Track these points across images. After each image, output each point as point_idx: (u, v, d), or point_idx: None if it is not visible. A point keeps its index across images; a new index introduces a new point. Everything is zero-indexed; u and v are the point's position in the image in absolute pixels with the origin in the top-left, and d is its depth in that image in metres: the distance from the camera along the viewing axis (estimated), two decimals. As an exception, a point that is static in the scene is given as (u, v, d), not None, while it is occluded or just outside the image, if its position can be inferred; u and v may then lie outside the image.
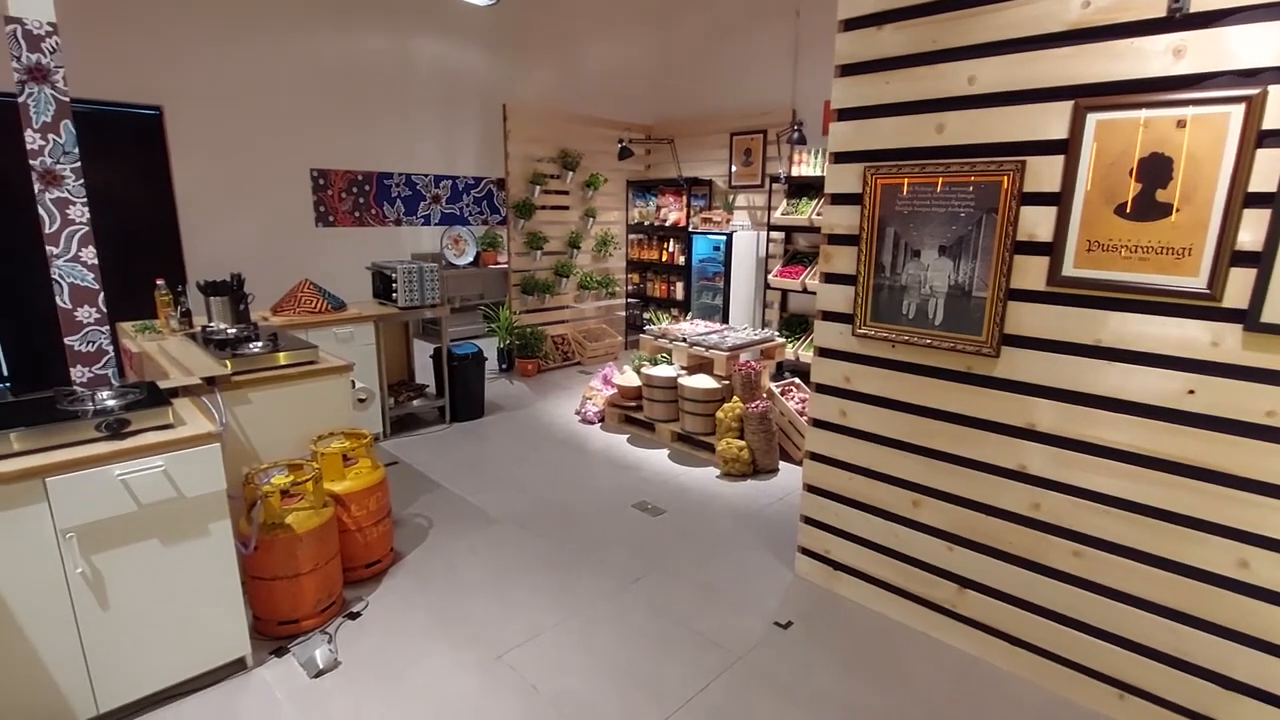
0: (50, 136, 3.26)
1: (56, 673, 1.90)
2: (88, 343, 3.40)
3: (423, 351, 5.24)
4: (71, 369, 3.39)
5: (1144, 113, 1.84)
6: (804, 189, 5.74)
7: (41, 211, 3.27)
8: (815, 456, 2.82)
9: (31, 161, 3.23)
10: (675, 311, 6.77)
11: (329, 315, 4.15)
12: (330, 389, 2.88)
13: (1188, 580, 1.96)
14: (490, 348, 6.10)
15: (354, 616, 2.63)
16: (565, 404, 5.42)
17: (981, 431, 2.31)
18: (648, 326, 5.08)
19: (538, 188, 6.38)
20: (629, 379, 4.81)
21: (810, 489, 2.87)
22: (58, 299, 3.35)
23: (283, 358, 2.79)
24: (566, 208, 6.80)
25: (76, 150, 3.33)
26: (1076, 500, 2.13)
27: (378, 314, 4.34)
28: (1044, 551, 2.23)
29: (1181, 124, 1.79)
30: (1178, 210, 1.83)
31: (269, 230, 6.37)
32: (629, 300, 7.53)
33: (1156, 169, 1.84)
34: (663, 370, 4.56)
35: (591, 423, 4.97)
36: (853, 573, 2.78)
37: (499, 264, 7.76)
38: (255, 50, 6.05)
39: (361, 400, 3.03)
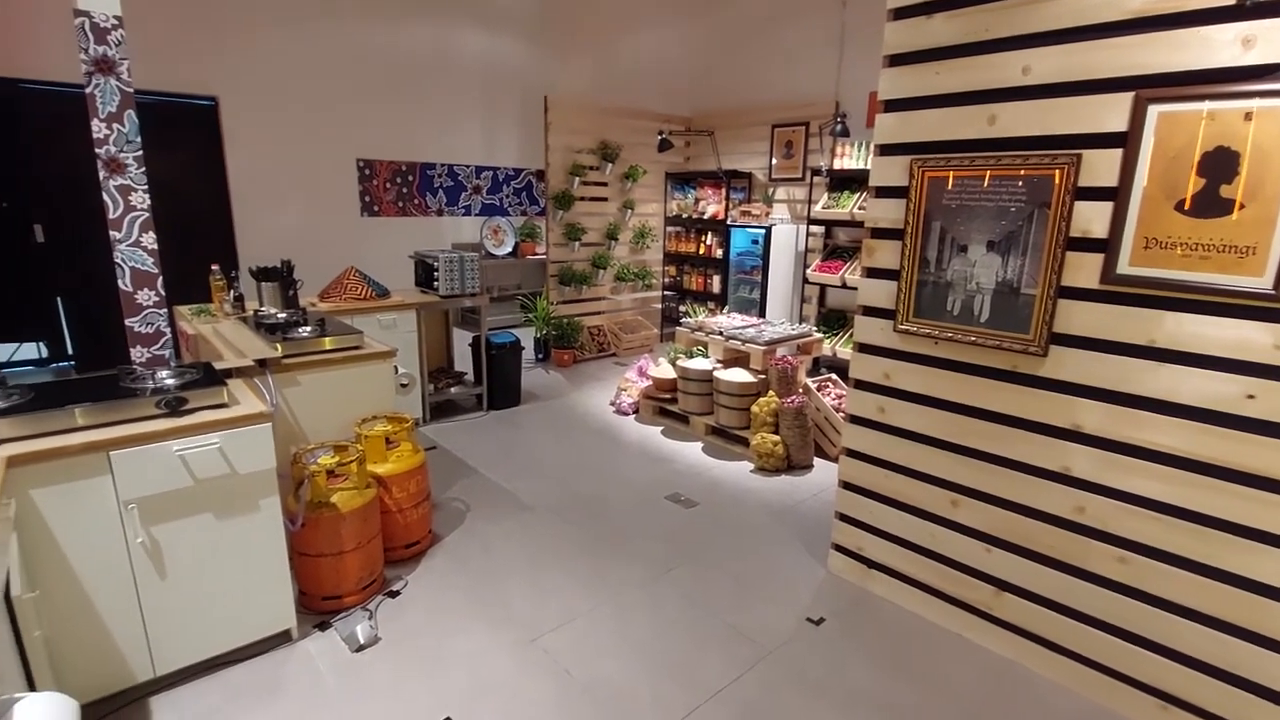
0: (115, 126, 3.40)
1: (118, 636, 2.01)
2: (147, 324, 3.55)
3: (461, 340, 5.33)
4: (131, 349, 3.55)
5: (1208, 105, 1.77)
6: (846, 182, 5.65)
7: (105, 198, 3.43)
8: (852, 453, 2.79)
9: (97, 150, 3.38)
10: (712, 305, 6.75)
11: (373, 302, 4.25)
12: (374, 374, 2.95)
13: (1239, 590, 1.89)
14: (527, 337, 6.17)
15: (394, 595, 2.70)
16: (600, 395, 5.46)
17: (1024, 431, 2.26)
18: (684, 319, 5.08)
19: (577, 179, 6.41)
20: (664, 371, 4.81)
21: (846, 485, 2.84)
22: (120, 282, 3.51)
23: (330, 342, 2.87)
24: (605, 199, 6.82)
25: (139, 139, 3.47)
26: (1122, 505, 2.07)
27: (420, 302, 4.43)
28: (1086, 556, 2.18)
29: (1248, 116, 1.71)
30: (1241, 207, 1.75)
31: (317, 218, 6.54)
32: (665, 293, 7.53)
33: (1220, 163, 1.77)
34: (698, 363, 4.55)
35: (626, 414, 5.00)
36: (887, 571, 2.76)
37: (537, 255, 7.83)
38: (306, 43, 6.20)
39: (404, 386, 3.11)
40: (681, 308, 7.01)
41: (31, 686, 1.63)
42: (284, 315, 3.27)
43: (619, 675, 2.30)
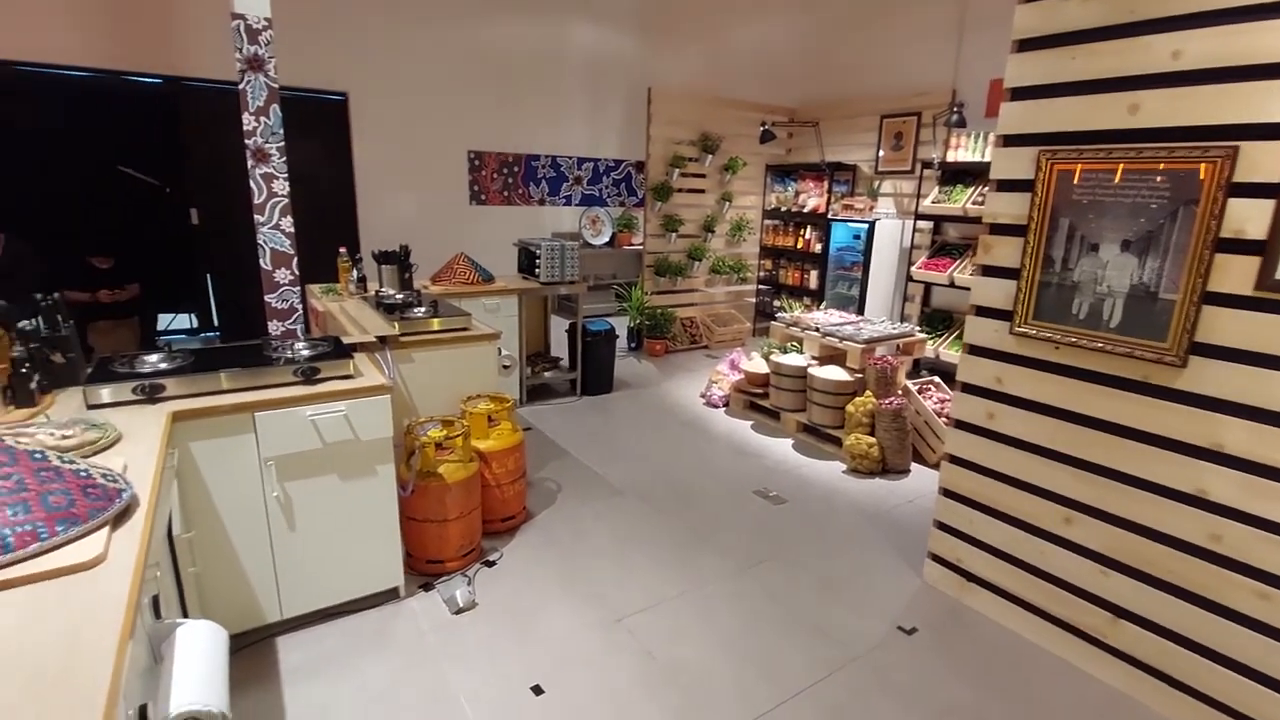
0: (261, 119, 3.74)
1: (254, 579, 2.24)
2: (283, 300, 3.90)
3: (558, 326, 5.50)
4: (269, 322, 3.90)
5: (1406, 90, 1.56)
6: (959, 175, 5.36)
7: (252, 184, 3.78)
8: (955, 460, 2.67)
9: (246, 141, 3.73)
10: (808, 300, 6.60)
11: (479, 287, 4.47)
12: (480, 354, 3.11)
13: None
14: (621, 326, 6.27)
15: (490, 564, 2.85)
16: (690, 386, 5.48)
17: (1154, 448, 2.09)
18: (779, 314, 5.00)
19: (676, 170, 6.44)
20: (757, 365, 4.77)
21: (947, 493, 2.73)
22: (261, 262, 3.86)
23: (442, 323, 3.05)
24: (703, 191, 6.81)
25: (281, 131, 3.80)
26: (1267, 534, 1.88)
27: (522, 288, 4.60)
28: (1221, 589, 1.99)
29: None
30: None
31: (430, 206, 6.91)
32: (760, 287, 7.43)
33: None
34: (793, 359, 4.48)
35: (716, 406, 4.99)
36: (987, 586, 2.62)
37: (633, 245, 7.92)
38: (428, 41, 6.54)
39: (506, 367, 3.26)
40: (776, 302, 6.91)
41: (185, 615, 1.85)
42: (401, 296, 3.49)
43: (701, 662, 2.33)
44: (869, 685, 2.25)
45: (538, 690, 2.17)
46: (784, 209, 6.98)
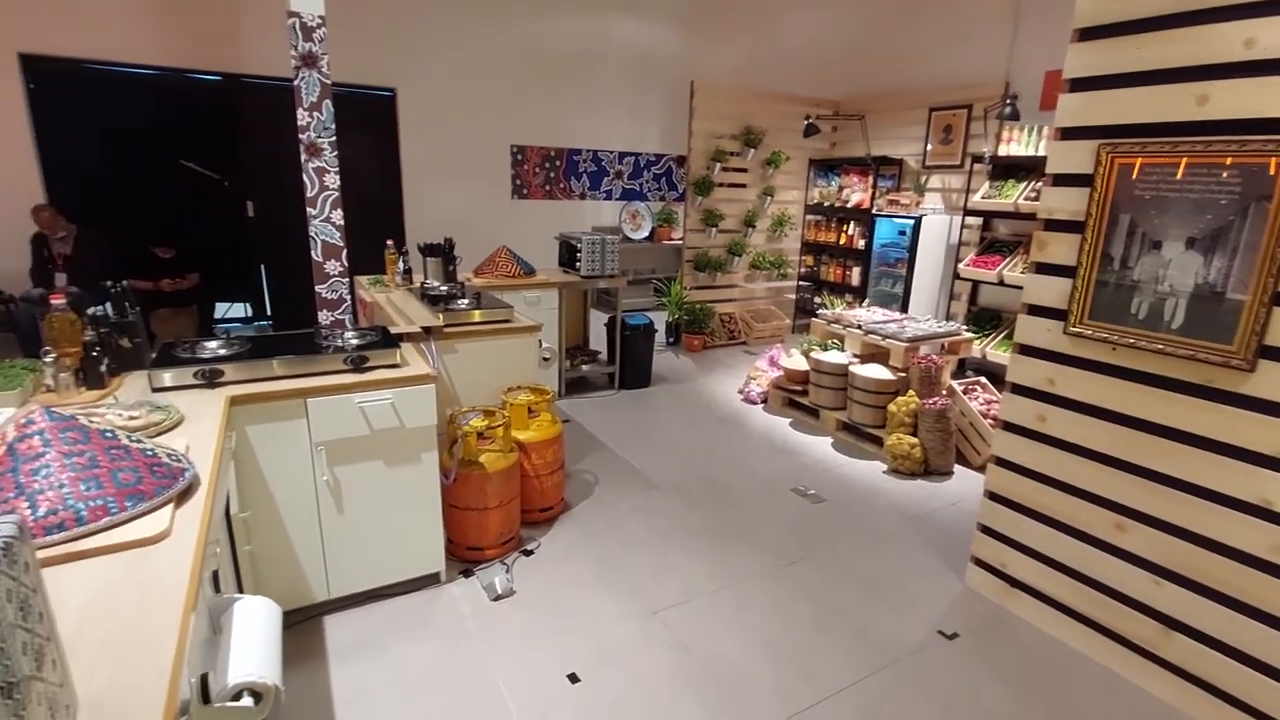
0: (314, 114, 3.85)
1: (303, 559, 2.32)
2: (333, 291, 4.01)
3: (597, 320, 5.53)
4: (319, 312, 4.02)
5: None
6: (1011, 170, 5.20)
7: (305, 178, 3.89)
8: (1002, 462, 2.60)
9: (300, 136, 3.84)
10: (849, 297, 6.50)
11: (521, 280, 4.52)
12: (521, 346, 3.15)
13: None
14: (659, 321, 6.27)
15: (528, 553, 2.90)
16: (728, 382, 5.45)
17: (1216, 455, 2.00)
18: (820, 310, 4.94)
19: (718, 165, 6.39)
20: (796, 362, 4.72)
21: (993, 496, 2.66)
22: (313, 253, 3.98)
23: (485, 315, 3.10)
24: (744, 185, 6.75)
25: (333, 126, 3.90)
26: (1343, 550, 1.78)
27: (562, 281, 4.64)
28: (1288, 604, 1.90)
29: None
30: None
31: (473, 200, 7.02)
32: (800, 283, 7.34)
33: None
34: (833, 356, 4.42)
35: (754, 403, 4.96)
36: (1032, 592, 2.55)
37: (672, 240, 7.91)
38: (474, 37, 6.63)
39: (546, 359, 3.30)
40: (817, 299, 6.82)
41: (241, 591, 1.93)
42: (445, 288, 3.56)
43: (737, 658, 2.33)
44: (908, 689, 2.22)
45: (574, 678, 2.20)
46: (827, 204, 6.88)
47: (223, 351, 2.22)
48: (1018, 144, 5.09)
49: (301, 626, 2.37)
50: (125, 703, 0.89)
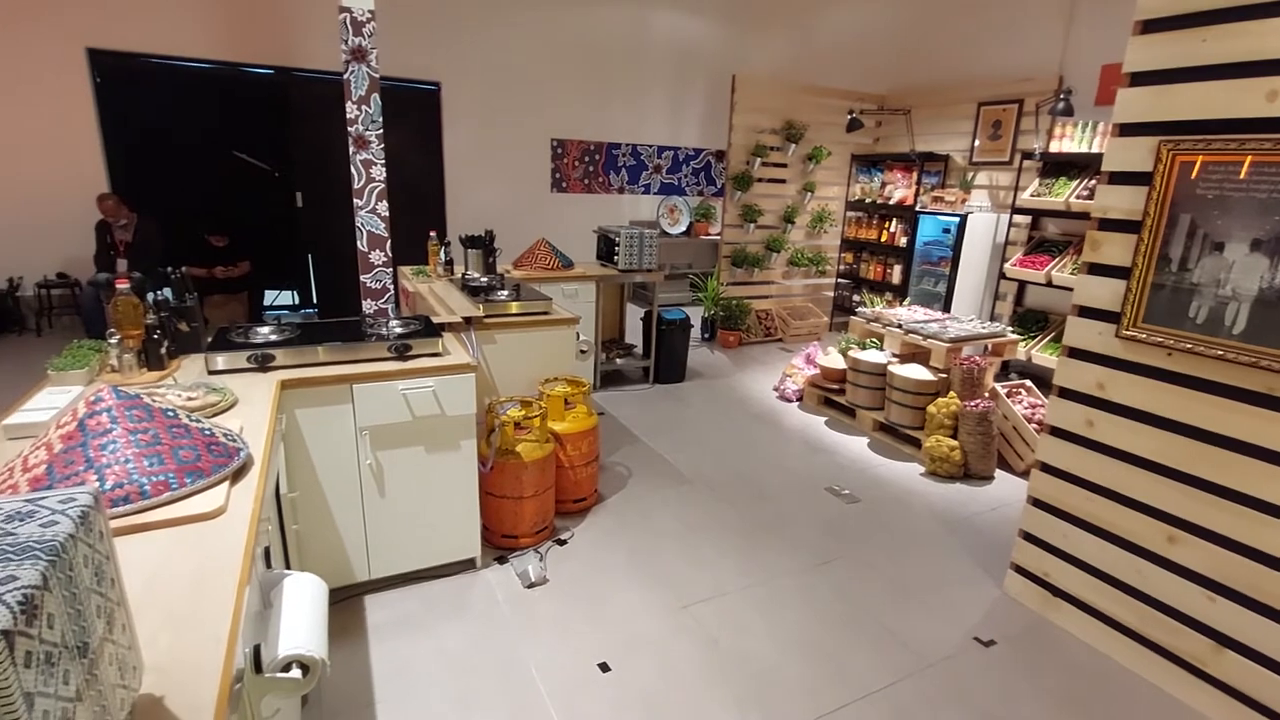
0: (363, 107, 3.93)
1: (346, 540, 2.39)
2: (377, 280, 4.10)
3: (633, 314, 5.55)
4: (363, 301, 4.12)
5: None
6: (1063, 167, 5.04)
7: (352, 170, 3.99)
8: (1047, 468, 2.54)
9: (349, 128, 3.93)
10: (890, 296, 6.39)
11: (559, 272, 4.56)
12: (559, 338, 3.19)
13: None
14: (695, 316, 6.26)
15: (561, 543, 2.93)
16: (763, 379, 5.42)
17: (1275, 466, 1.92)
18: (859, 309, 4.87)
19: (758, 160, 6.33)
20: (834, 361, 4.66)
21: (1036, 503, 2.59)
22: (358, 243, 4.07)
23: (524, 306, 3.14)
24: (784, 181, 6.68)
25: (381, 119, 3.99)
26: None
27: (600, 274, 4.67)
28: (1352, 625, 1.82)
29: None
30: None
31: (513, 193, 7.10)
32: (839, 280, 7.24)
33: None
34: (872, 355, 4.36)
35: (789, 401, 4.92)
36: (1076, 603, 2.49)
37: (710, 235, 7.88)
38: (517, 31, 6.69)
39: (583, 352, 3.32)
40: (856, 297, 6.72)
41: (288, 568, 1.99)
42: (485, 279, 3.62)
43: (767, 654, 2.32)
44: (942, 695, 2.19)
45: (605, 667, 2.23)
46: (869, 200, 6.76)
47: (274, 337, 2.30)
48: (1070, 140, 4.93)
49: (343, 604, 2.44)
50: (186, 667, 0.94)
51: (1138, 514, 2.27)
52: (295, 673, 1.17)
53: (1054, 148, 5.02)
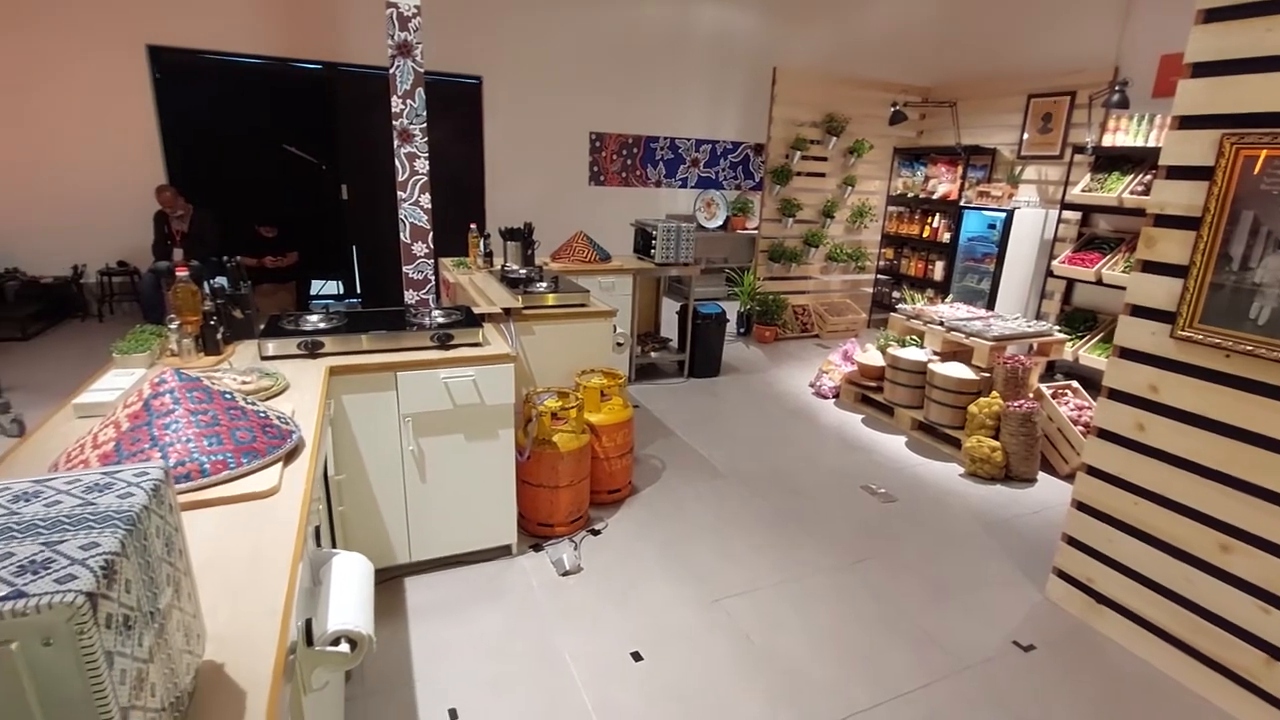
0: (408, 101, 4.00)
1: (389, 523, 2.46)
2: (419, 271, 4.19)
3: (669, 308, 5.55)
4: (405, 291, 4.21)
5: None
6: (1116, 162, 4.87)
7: (397, 163, 4.07)
8: (1094, 472, 2.47)
9: (394, 122, 4.01)
10: (931, 293, 6.26)
11: (596, 265, 4.59)
12: (596, 330, 3.21)
13: None
14: (731, 311, 6.23)
15: (596, 533, 2.97)
16: (799, 375, 5.37)
17: (1344, 476, 1.84)
18: (900, 305, 4.78)
19: (798, 154, 6.26)
20: (872, 358, 4.60)
21: (1080, 507, 2.53)
22: (401, 235, 4.16)
23: (562, 298, 3.18)
24: (824, 175, 6.59)
25: (424, 113, 4.06)
26: None
27: (637, 268, 4.68)
28: None
29: None
30: None
31: (552, 185, 7.16)
32: (878, 276, 7.13)
33: None
34: (912, 353, 4.29)
35: (826, 397, 4.88)
36: (1120, 610, 2.42)
37: (747, 229, 7.83)
38: (558, 25, 6.73)
39: (620, 345, 3.34)
40: (896, 293, 6.60)
41: (335, 548, 2.06)
42: (524, 271, 3.66)
43: (798, 652, 2.32)
44: (978, 699, 2.15)
45: (637, 656, 2.25)
46: (911, 195, 6.63)
47: (323, 325, 2.38)
48: (1125, 134, 4.76)
49: (385, 585, 2.52)
50: (244, 637, 0.99)
51: (1189, 521, 2.20)
52: (344, 647, 1.22)
53: (1107, 141, 4.85)
